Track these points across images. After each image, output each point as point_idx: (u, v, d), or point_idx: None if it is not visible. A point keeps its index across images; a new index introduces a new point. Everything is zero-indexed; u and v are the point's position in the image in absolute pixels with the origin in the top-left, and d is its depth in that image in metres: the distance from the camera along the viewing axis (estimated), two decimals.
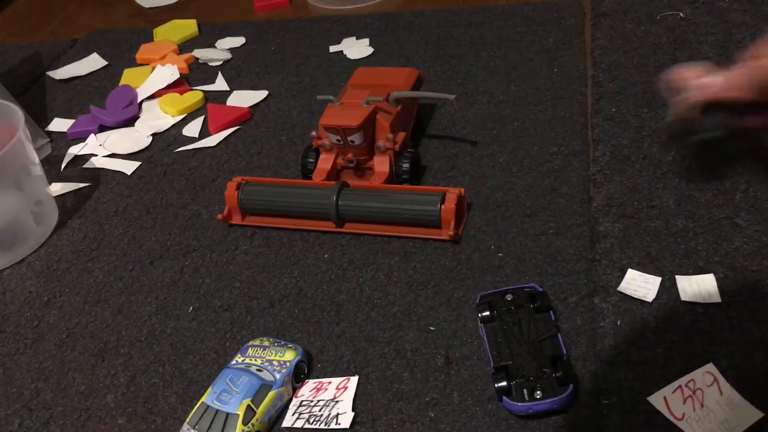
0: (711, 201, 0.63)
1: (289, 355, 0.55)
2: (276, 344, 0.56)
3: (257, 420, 0.51)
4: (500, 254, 0.62)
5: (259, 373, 0.53)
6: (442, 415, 0.51)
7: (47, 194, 0.78)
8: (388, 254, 0.65)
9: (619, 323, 0.54)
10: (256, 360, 0.55)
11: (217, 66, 1.00)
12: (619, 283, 0.57)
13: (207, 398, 0.52)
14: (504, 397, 0.49)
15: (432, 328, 0.57)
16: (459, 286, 0.60)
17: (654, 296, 0.56)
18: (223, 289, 0.65)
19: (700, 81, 0.40)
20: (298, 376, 0.55)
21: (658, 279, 0.57)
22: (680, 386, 0.49)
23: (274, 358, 0.54)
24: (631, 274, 0.58)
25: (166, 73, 0.96)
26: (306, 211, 0.68)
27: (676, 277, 0.57)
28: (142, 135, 0.88)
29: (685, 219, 0.62)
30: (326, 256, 0.66)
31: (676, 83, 0.40)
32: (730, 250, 0.58)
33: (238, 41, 1.05)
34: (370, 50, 0.95)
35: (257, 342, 0.57)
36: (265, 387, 0.52)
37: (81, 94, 1.00)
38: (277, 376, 0.53)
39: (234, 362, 0.55)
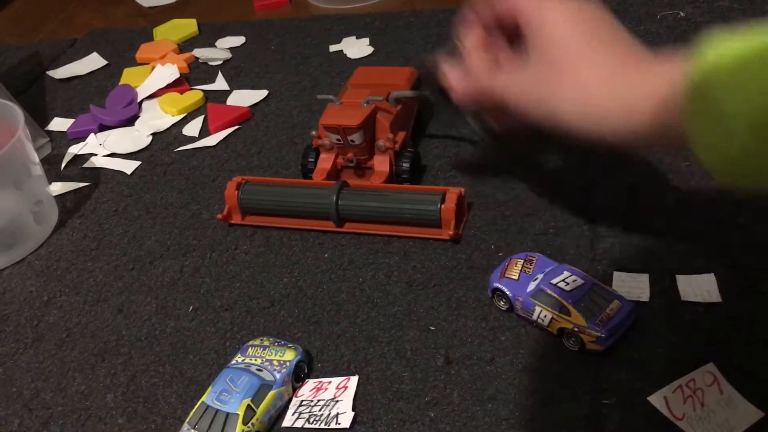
0: (712, 200, 0.63)
1: (289, 355, 0.55)
2: (276, 344, 0.56)
3: (257, 420, 0.51)
4: (500, 254, 0.62)
5: (259, 372, 0.53)
6: (442, 415, 0.51)
7: (47, 194, 0.77)
8: (388, 254, 0.65)
9: None
10: (256, 360, 0.55)
11: (217, 65, 1.00)
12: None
13: (207, 398, 0.52)
14: None
15: (432, 328, 0.57)
16: (459, 285, 0.60)
17: (648, 295, 0.56)
18: (223, 289, 0.65)
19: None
20: (298, 375, 0.55)
21: (646, 276, 0.57)
22: (680, 386, 0.49)
23: (274, 358, 0.54)
24: (619, 276, 0.57)
25: (166, 72, 0.96)
26: (306, 211, 0.68)
27: (677, 276, 0.57)
28: (142, 134, 0.88)
29: (685, 218, 0.62)
30: (326, 255, 0.66)
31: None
32: (731, 249, 0.58)
33: (238, 40, 1.05)
34: (370, 50, 0.95)
35: (257, 342, 0.57)
36: (265, 387, 0.52)
37: (81, 93, 1.00)
38: (277, 375, 0.53)
39: (234, 362, 0.55)
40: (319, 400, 0.53)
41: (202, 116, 0.89)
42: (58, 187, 0.82)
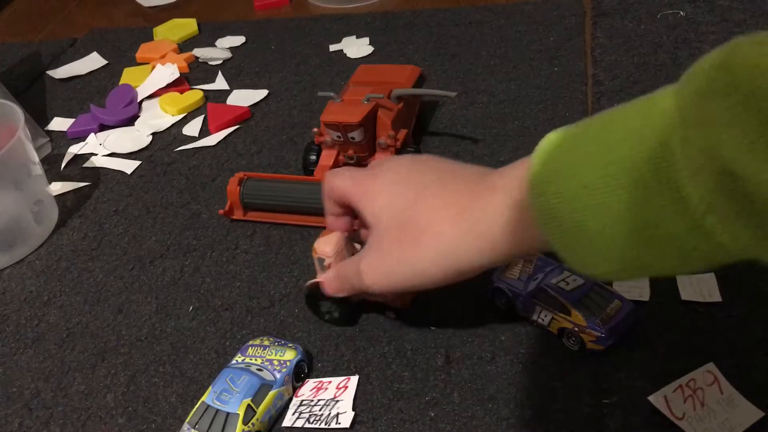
0: None
1: (290, 355, 0.55)
2: (276, 344, 0.56)
3: (257, 420, 0.51)
4: None
5: (259, 372, 0.53)
6: (442, 415, 0.51)
7: (47, 194, 0.77)
8: None
9: None
10: (256, 359, 0.55)
11: (217, 65, 1.00)
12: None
13: (207, 398, 0.52)
14: None
15: (432, 328, 0.57)
16: (460, 285, 0.60)
17: (648, 294, 0.56)
18: (224, 289, 0.65)
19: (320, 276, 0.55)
20: (299, 375, 0.55)
21: None
22: (681, 386, 0.49)
23: (274, 358, 0.54)
24: None
25: (166, 72, 0.96)
26: (307, 207, 0.68)
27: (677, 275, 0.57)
28: (142, 134, 0.88)
29: None
30: None
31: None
32: None
33: (238, 40, 1.05)
34: (370, 49, 0.95)
35: (257, 341, 0.57)
36: (265, 387, 0.52)
37: (81, 93, 1.00)
38: (278, 375, 0.53)
39: (234, 362, 0.55)
40: (319, 400, 0.53)
41: (202, 116, 0.89)
42: (58, 187, 0.82)
